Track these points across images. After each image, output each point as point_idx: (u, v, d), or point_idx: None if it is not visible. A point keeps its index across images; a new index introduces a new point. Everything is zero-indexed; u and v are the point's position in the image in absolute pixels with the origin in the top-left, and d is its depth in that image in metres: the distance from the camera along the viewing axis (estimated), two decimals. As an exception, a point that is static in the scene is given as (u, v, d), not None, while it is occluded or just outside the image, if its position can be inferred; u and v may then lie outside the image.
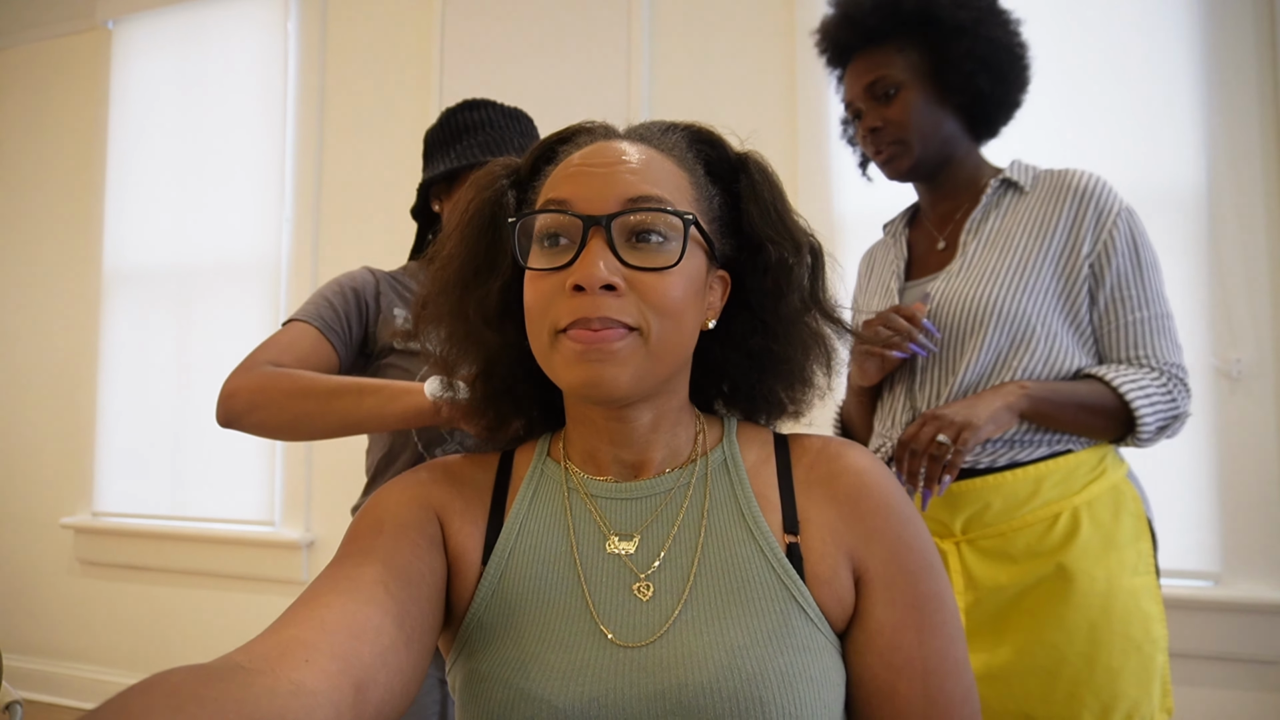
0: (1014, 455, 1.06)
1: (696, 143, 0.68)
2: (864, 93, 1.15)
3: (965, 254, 1.13)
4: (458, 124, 1.23)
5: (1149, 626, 1.01)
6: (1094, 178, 1.10)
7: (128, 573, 2.80)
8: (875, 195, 1.41)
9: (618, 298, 0.57)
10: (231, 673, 0.42)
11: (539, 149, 0.69)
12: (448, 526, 0.65)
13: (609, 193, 0.59)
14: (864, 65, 1.16)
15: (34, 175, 3.06)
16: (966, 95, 1.13)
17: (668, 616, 0.59)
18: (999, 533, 1.05)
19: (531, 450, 0.71)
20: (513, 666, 0.58)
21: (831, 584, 0.61)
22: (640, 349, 0.58)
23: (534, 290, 0.60)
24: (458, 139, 1.22)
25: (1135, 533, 1.04)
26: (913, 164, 1.15)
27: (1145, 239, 1.09)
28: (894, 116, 1.13)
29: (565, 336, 0.58)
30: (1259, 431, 1.71)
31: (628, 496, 0.65)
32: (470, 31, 2.48)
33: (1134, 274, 1.07)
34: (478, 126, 1.22)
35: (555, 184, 0.62)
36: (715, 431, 0.70)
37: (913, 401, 1.13)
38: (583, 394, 0.59)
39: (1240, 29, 1.77)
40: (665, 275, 0.59)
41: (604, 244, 0.58)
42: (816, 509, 0.63)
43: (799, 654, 0.57)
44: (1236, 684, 1.70)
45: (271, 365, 1.06)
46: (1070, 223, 1.08)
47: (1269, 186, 1.74)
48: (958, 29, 1.11)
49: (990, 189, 1.14)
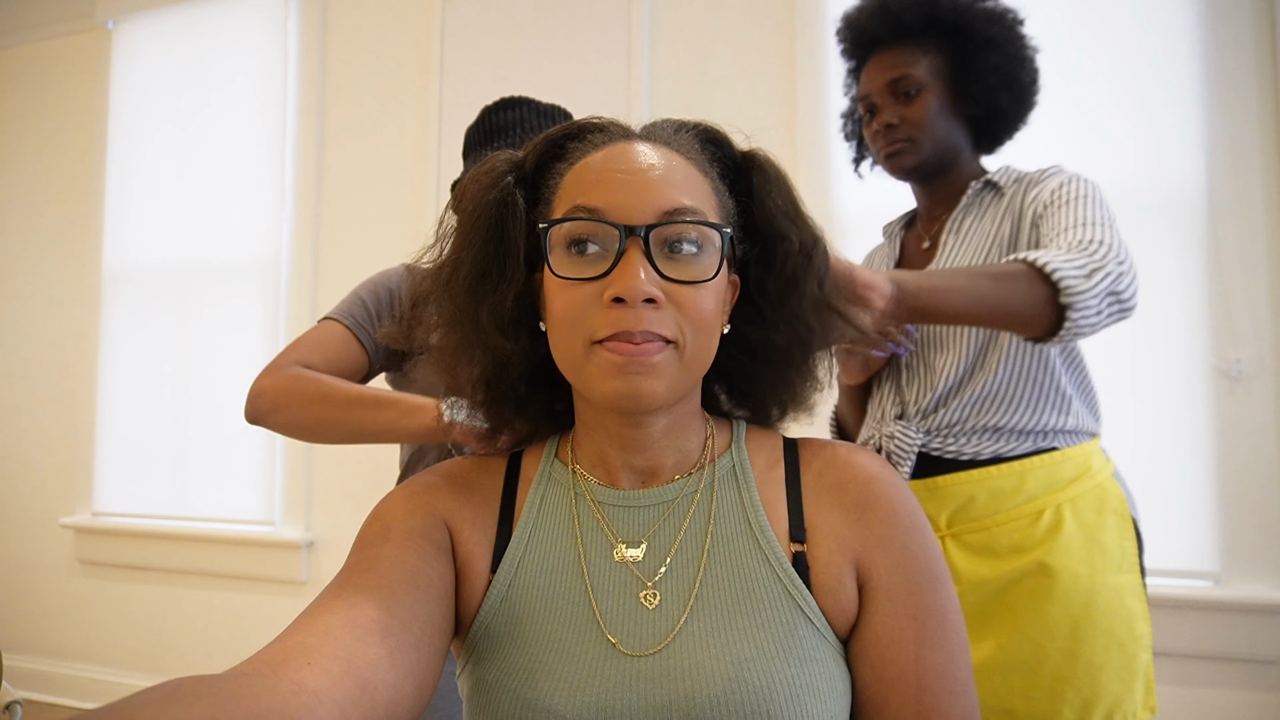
0: (998, 449, 1.07)
1: (706, 142, 0.67)
2: (886, 88, 1.15)
3: (943, 252, 1.15)
4: (492, 124, 1.23)
5: (1132, 624, 1.01)
6: (1054, 166, 1.11)
7: (128, 573, 2.80)
8: (874, 195, 1.41)
9: (657, 310, 0.57)
10: (233, 677, 0.43)
11: (544, 144, 0.67)
12: (456, 535, 0.64)
13: (645, 202, 0.58)
14: (889, 60, 1.15)
15: (34, 175, 3.06)
16: (983, 108, 1.14)
17: (673, 625, 0.59)
18: (983, 527, 1.06)
19: (539, 452, 0.70)
20: (520, 676, 0.58)
21: (836, 593, 0.60)
22: (676, 362, 0.58)
23: (565, 299, 0.59)
24: (491, 140, 1.21)
25: (1119, 531, 1.05)
26: (917, 164, 1.16)
27: (1087, 184, 1.04)
28: (912, 116, 1.13)
29: (602, 348, 0.57)
30: (1259, 431, 1.71)
31: (635, 504, 0.64)
32: (470, 31, 2.48)
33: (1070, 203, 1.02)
34: (510, 127, 1.21)
35: (582, 188, 0.60)
36: (724, 435, 0.69)
37: (901, 397, 1.14)
38: (618, 406, 0.59)
39: (1240, 29, 1.77)
40: (701, 288, 0.58)
41: (642, 255, 0.57)
42: (824, 517, 0.63)
43: (805, 665, 0.57)
44: (1236, 684, 1.70)
45: (300, 365, 1.07)
46: (1021, 204, 1.10)
47: (1269, 186, 1.74)
48: (989, 42, 1.12)
49: (972, 189, 1.15)
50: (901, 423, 1.12)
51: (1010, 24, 1.14)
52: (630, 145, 0.62)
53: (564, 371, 0.62)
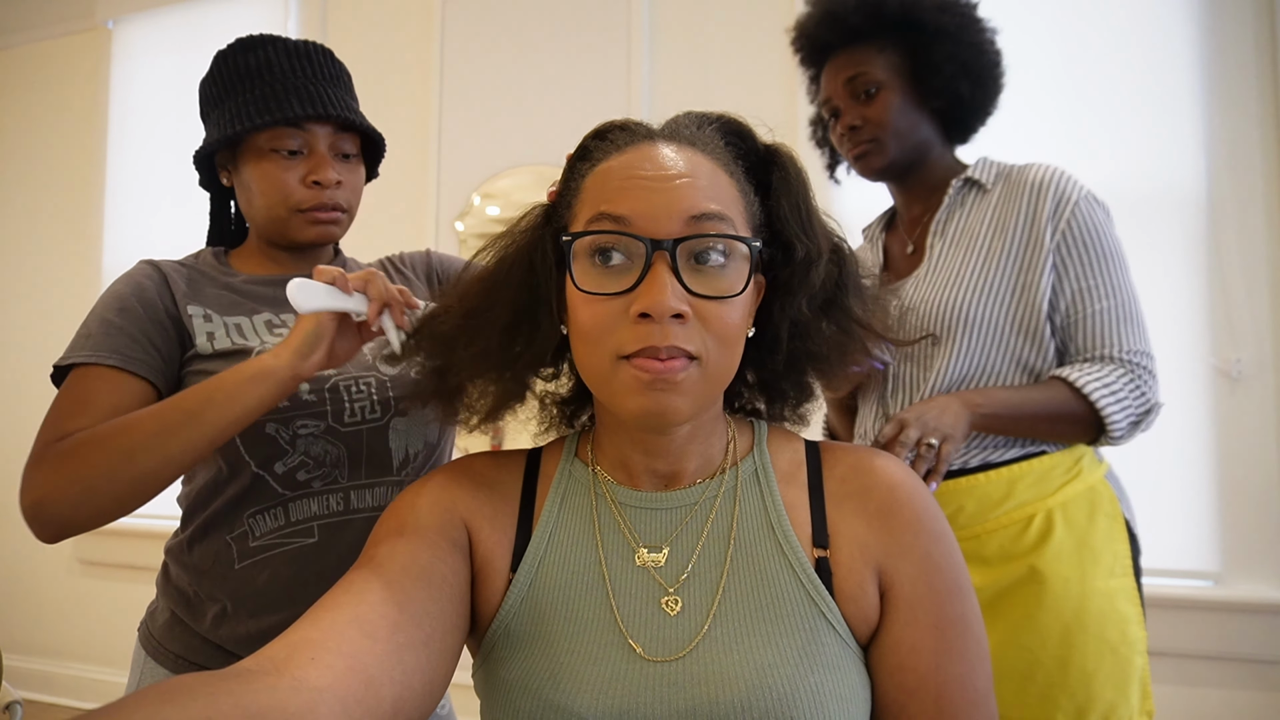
0: (986, 456, 1.05)
1: (728, 134, 0.66)
2: (843, 88, 1.14)
3: (931, 258, 1.13)
4: (231, 71, 0.96)
5: (1125, 629, 1.00)
6: (1051, 169, 1.09)
7: (128, 573, 2.80)
8: (875, 195, 1.41)
9: (683, 325, 0.56)
10: (233, 675, 0.43)
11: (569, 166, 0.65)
12: (476, 534, 0.64)
13: (670, 209, 0.56)
14: (844, 62, 1.14)
15: (34, 175, 3.06)
16: (945, 99, 1.13)
17: (696, 631, 0.58)
18: (973, 535, 1.04)
19: (558, 450, 0.70)
20: (542, 677, 0.58)
21: (859, 600, 0.60)
22: (700, 378, 0.57)
23: (590, 313, 0.57)
24: (232, 92, 0.95)
25: (1111, 535, 1.03)
26: (886, 163, 1.14)
27: (1106, 227, 1.06)
28: (873, 115, 1.12)
29: (629, 364, 0.56)
30: (1259, 431, 1.71)
31: (657, 506, 0.64)
32: (470, 31, 2.47)
33: (1097, 263, 1.05)
34: (255, 73, 0.94)
35: (606, 195, 0.58)
36: (746, 438, 0.68)
37: (884, 409, 1.13)
38: (644, 424, 0.58)
39: (1240, 29, 1.77)
40: (728, 303, 0.57)
41: (668, 269, 0.55)
42: (847, 523, 0.62)
43: (829, 672, 0.57)
44: (1237, 684, 1.70)
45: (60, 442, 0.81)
46: (1029, 217, 1.07)
47: (1269, 186, 1.74)
48: (940, 33, 1.10)
49: (953, 189, 1.14)
50: None
51: (962, 10, 1.12)
52: (654, 147, 0.60)
53: (588, 383, 0.61)
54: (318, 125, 0.93)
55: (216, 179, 1.02)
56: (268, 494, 0.89)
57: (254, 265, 1.00)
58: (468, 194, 2.43)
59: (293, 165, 0.93)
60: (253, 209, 0.96)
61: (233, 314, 0.93)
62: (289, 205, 0.93)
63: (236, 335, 0.91)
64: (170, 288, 0.93)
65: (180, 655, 0.92)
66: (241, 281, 0.97)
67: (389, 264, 1.12)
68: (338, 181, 0.94)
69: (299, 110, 0.91)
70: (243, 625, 0.90)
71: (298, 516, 0.90)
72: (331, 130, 0.94)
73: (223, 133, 0.94)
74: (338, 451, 0.91)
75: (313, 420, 0.89)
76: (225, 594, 0.90)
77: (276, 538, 0.90)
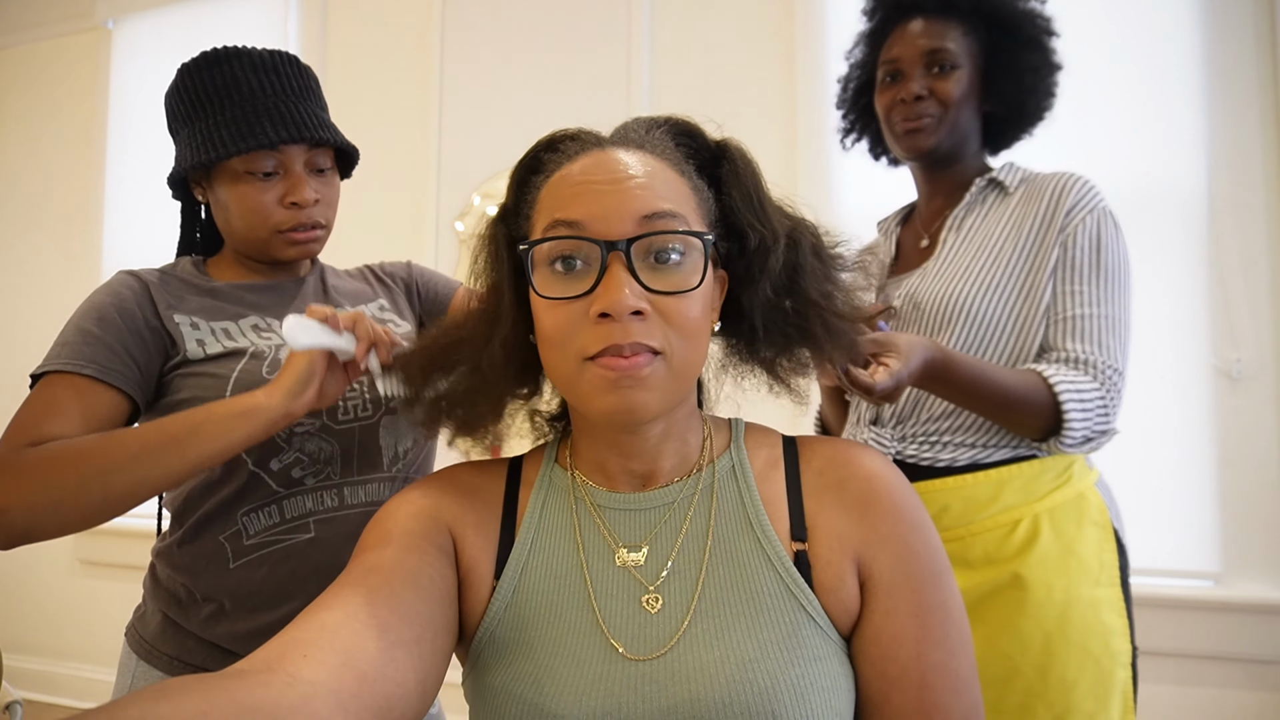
0: (975, 457, 1.04)
1: (678, 135, 0.67)
2: (921, 57, 1.10)
3: (942, 251, 1.12)
4: (198, 88, 0.94)
5: (1109, 640, 0.98)
6: (1074, 178, 1.07)
7: (128, 573, 2.79)
8: (875, 193, 1.41)
9: (643, 321, 0.57)
10: (229, 674, 0.43)
11: (518, 171, 0.67)
12: (460, 541, 0.65)
13: (622, 210, 0.58)
14: (928, 29, 1.10)
15: (34, 175, 3.06)
16: (1008, 105, 1.12)
17: (677, 629, 0.59)
18: (957, 536, 1.02)
19: (539, 457, 0.71)
20: (526, 681, 0.58)
21: (838, 591, 0.60)
22: (665, 372, 0.58)
23: (552, 318, 0.59)
24: (201, 111, 0.94)
25: (1099, 543, 1.01)
26: (934, 144, 1.11)
27: (1113, 241, 1.04)
28: (944, 92, 1.09)
29: (594, 364, 0.57)
30: (1259, 431, 1.71)
31: (635, 507, 0.65)
32: (470, 31, 2.48)
33: (1091, 273, 1.03)
34: (224, 91, 0.92)
35: (560, 203, 0.60)
36: (723, 435, 0.69)
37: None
38: (613, 421, 0.59)
39: (1240, 29, 1.77)
40: (687, 297, 0.58)
41: (625, 268, 0.57)
42: (825, 514, 0.63)
43: (810, 664, 0.57)
44: (1237, 684, 1.70)
45: (30, 448, 0.78)
46: (1043, 221, 1.06)
47: (1269, 186, 1.74)
48: (1032, 42, 1.11)
49: (976, 187, 1.13)
50: (875, 428, 1.10)
51: (1046, 27, 1.13)
52: (605, 153, 0.62)
53: (558, 387, 0.63)
54: (292, 145, 0.93)
55: (189, 193, 1.03)
56: (262, 492, 0.90)
57: (232, 274, 1.01)
58: (468, 194, 2.43)
59: (269, 187, 0.93)
60: (231, 228, 0.97)
61: (218, 319, 0.94)
62: (269, 227, 0.94)
63: (225, 339, 0.92)
64: (152, 298, 0.92)
65: (175, 657, 0.93)
66: (223, 288, 0.98)
67: (370, 272, 1.14)
68: (315, 200, 0.95)
69: (273, 135, 0.90)
70: (241, 623, 0.90)
71: (292, 513, 0.91)
72: (306, 148, 0.94)
73: (196, 158, 0.93)
74: (331, 448, 0.92)
75: (309, 418, 0.90)
76: (223, 593, 0.90)
77: (272, 535, 0.90)
